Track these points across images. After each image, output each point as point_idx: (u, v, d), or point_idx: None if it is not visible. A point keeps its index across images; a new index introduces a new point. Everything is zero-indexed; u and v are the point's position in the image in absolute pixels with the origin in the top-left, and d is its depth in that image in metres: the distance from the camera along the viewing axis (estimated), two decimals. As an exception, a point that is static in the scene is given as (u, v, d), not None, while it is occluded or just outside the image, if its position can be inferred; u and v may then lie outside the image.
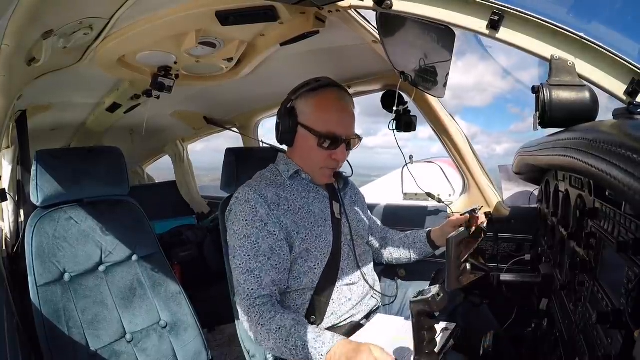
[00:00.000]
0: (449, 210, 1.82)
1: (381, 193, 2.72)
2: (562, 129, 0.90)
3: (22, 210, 1.69)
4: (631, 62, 0.88)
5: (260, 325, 1.03)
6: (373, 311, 1.28)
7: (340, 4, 1.08)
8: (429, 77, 1.25)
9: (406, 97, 1.62)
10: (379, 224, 1.53)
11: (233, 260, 1.13)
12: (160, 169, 3.78)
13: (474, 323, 1.23)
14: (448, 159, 1.87)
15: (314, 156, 1.19)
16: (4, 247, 1.51)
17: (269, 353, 1.18)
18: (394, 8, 1.01)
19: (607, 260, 0.73)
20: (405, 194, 2.09)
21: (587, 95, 0.89)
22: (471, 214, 1.18)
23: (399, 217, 1.98)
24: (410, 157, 1.67)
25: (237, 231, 1.13)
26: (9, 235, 1.60)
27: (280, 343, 0.99)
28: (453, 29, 1.07)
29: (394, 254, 1.46)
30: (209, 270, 2.44)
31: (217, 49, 1.38)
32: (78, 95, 1.98)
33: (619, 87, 0.89)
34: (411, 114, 1.63)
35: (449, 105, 1.68)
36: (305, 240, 1.15)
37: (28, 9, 0.88)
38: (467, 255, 1.11)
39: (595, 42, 0.91)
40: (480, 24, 0.97)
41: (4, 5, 0.83)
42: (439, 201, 1.78)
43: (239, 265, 1.10)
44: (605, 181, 0.57)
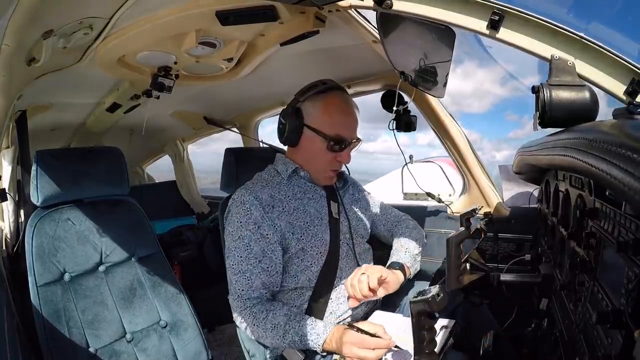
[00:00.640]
0: (449, 210, 1.82)
1: (381, 193, 2.72)
2: (562, 129, 0.91)
3: (22, 210, 1.69)
4: (631, 62, 0.88)
5: (256, 325, 1.10)
6: (372, 310, 1.28)
7: (340, 3, 1.08)
8: (428, 77, 1.25)
9: (406, 97, 1.62)
10: (392, 214, 1.48)
11: (227, 260, 1.17)
12: (161, 171, 3.77)
13: (474, 323, 1.23)
14: (448, 158, 1.87)
15: (319, 158, 1.21)
16: (4, 247, 1.51)
17: (270, 349, 1.19)
18: (394, 8, 1.01)
19: (607, 260, 0.73)
20: (405, 194, 2.08)
21: (587, 95, 0.89)
22: (471, 214, 1.18)
23: None
24: (410, 156, 1.66)
25: (232, 232, 1.16)
26: (9, 235, 1.60)
27: (278, 340, 1.07)
28: (453, 29, 1.07)
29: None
30: (209, 270, 2.44)
31: (217, 49, 1.38)
32: (78, 95, 1.97)
33: (619, 87, 0.89)
34: (411, 114, 1.63)
35: (446, 107, 1.68)
36: (301, 240, 1.16)
37: (28, 9, 0.88)
38: (467, 256, 1.11)
39: (595, 42, 0.91)
40: (480, 24, 0.97)
41: (4, 5, 0.83)
42: (439, 201, 1.78)
43: (232, 265, 1.15)
44: (606, 181, 0.57)
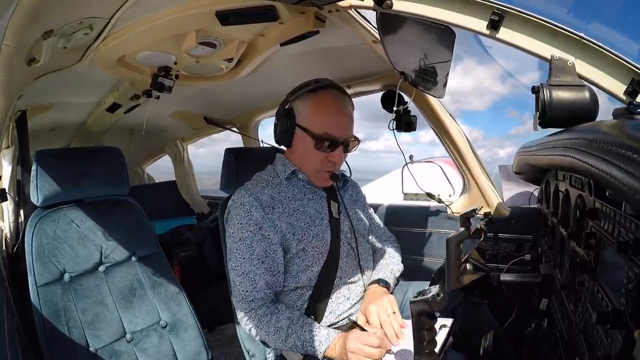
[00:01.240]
0: (449, 211, 1.82)
1: (380, 193, 2.72)
2: (562, 129, 0.91)
3: (22, 210, 1.69)
4: (631, 62, 0.88)
5: (259, 328, 1.10)
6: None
7: (340, 3, 1.08)
8: (428, 77, 1.25)
9: (406, 97, 1.62)
10: (381, 224, 1.49)
11: (229, 262, 1.17)
12: (162, 172, 3.77)
13: (474, 323, 1.23)
14: (448, 158, 1.87)
15: (310, 158, 1.18)
16: (4, 247, 1.51)
17: (270, 349, 1.20)
18: (394, 8, 1.01)
19: (607, 260, 0.73)
20: (405, 194, 2.08)
21: (587, 95, 0.89)
22: (471, 214, 1.18)
23: (400, 218, 1.98)
24: (411, 156, 1.66)
25: (233, 234, 1.16)
26: (9, 235, 1.60)
27: (281, 343, 1.07)
28: (453, 29, 1.07)
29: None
30: (209, 270, 2.44)
31: (217, 49, 1.38)
32: (78, 95, 1.97)
33: (619, 87, 0.89)
34: (411, 114, 1.63)
35: (447, 107, 1.68)
36: (302, 240, 1.16)
37: (28, 9, 0.88)
38: (467, 256, 1.11)
39: (595, 42, 0.91)
40: (480, 24, 0.97)
41: (4, 5, 0.83)
42: (439, 201, 1.78)
43: (234, 267, 1.14)
44: (606, 181, 0.57)
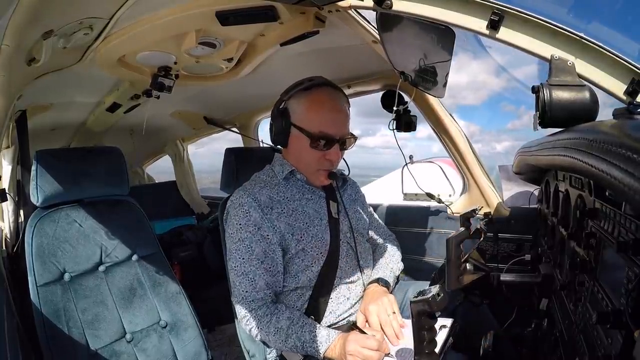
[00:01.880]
0: (449, 211, 1.82)
1: (381, 194, 2.72)
2: (562, 129, 0.91)
3: (22, 210, 1.69)
4: (631, 62, 0.88)
5: (259, 328, 1.10)
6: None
7: (340, 4, 1.08)
8: (428, 77, 1.25)
9: (406, 97, 1.62)
10: (381, 223, 1.49)
11: (229, 262, 1.17)
12: (161, 173, 3.77)
13: (474, 323, 1.23)
14: (448, 158, 1.87)
15: (307, 157, 1.18)
16: (4, 247, 1.51)
17: (270, 349, 1.20)
18: (394, 8, 1.01)
19: (607, 260, 0.73)
20: (405, 194, 2.09)
21: (587, 95, 0.89)
22: (471, 214, 1.18)
23: (400, 218, 1.98)
24: (410, 157, 1.66)
25: (232, 234, 1.16)
26: (9, 235, 1.60)
27: (281, 343, 1.08)
28: (453, 29, 1.07)
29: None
30: (209, 270, 2.44)
31: (217, 49, 1.38)
32: (78, 95, 1.97)
33: (619, 87, 0.89)
34: (411, 113, 1.63)
35: (444, 104, 1.68)
36: (301, 240, 1.16)
37: (28, 9, 0.88)
38: (467, 255, 1.11)
39: (595, 42, 0.91)
40: (480, 24, 0.97)
41: (4, 5, 0.83)
42: (439, 201, 1.78)
43: (234, 267, 1.14)
44: (605, 181, 0.57)
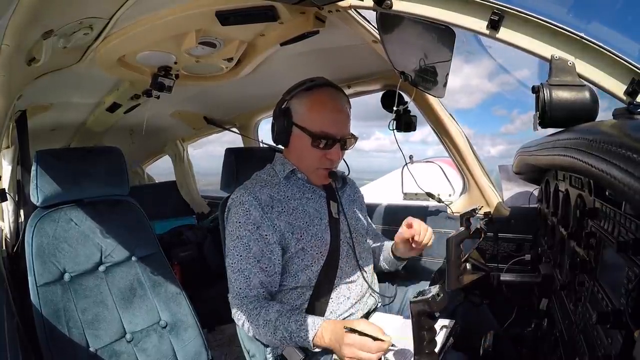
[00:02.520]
0: (449, 210, 1.82)
1: (381, 193, 2.72)
2: (562, 129, 0.90)
3: (22, 210, 1.69)
4: (631, 62, 0.88)
5: (250, 322, 1.10)
6: (372, 310, 1.29)
7: (340, 3, 1.08)
8: (428, 77, 1.25)
9: (406, 97, 1.62)
10: (373, 226, 1.53)
11: (227, 259, 1.18)
12: (161, 174, 3.77)
13: (474, 323, 1.23)
14: (448, 158, 1.87)
15: (308, 156, 1.19)
16: (4, 247, 1.51)
17: (270, 349, 1.19)
18: (394, 8, 1.01)
19: (607, 260, 0.73)
20: (405, 194, 2.08)
21: (587, 95, 0.89)
22: (471, 214, 1.18)
23: (400, 218, 1.97)
24: (410, 156, 1.66)
25: (231, 232, 1.17)
26: (9, 235, 1.60)
27: (270, 336, 1.08)
28: (453, 29, 1.07)
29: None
30: (209, 270, 2.45)
31: (217, 49, 1.38)
32: (78, 95, 1.97)
33: (619, 87, 0.89)
34: (411, 114, 1.63)
35: (443, 104, 1.69)
36: (301, 240, 1.16)
37: (28, 9, 0.88)
38: (467, 255, 1.11)
39: (595, 42, 0.91)
40: (480, 24, 0.97)
41: (4, 5, 0.83)
42: (439, 201, 1.78)
43: (231, 264, 1.15)
44: (605, 181, 0.57)
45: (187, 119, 2.59)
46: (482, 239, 1.17)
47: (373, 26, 1.22)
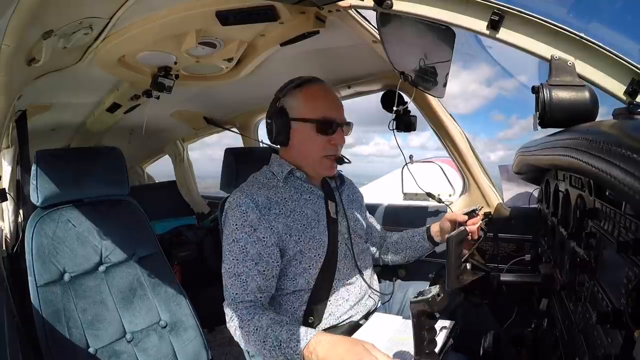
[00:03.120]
0: (449, 211, 1.81)
1: (381, 193, 2.72)
2: (562, 129, 0.91)
3: (22, 210, 1.69)
4: (631, 62, 0.88)
5: (241, 327, 1.03)
6: (371, 311, 1.28)
7: (340, 4, 1.08)
8: (428, 77, 1.25)
9: (406, 97, 1.62)
10: (378, 225, 1.52)
11: (223, 265, 1.13)
12: (161, 176, 3.77)
13: (473, 323, 1.23)
14: (448, 158, 1.87)
15: (312, 146, 1.19)
16: (4, 247, 1.51)
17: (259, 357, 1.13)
18: (394, 8, 1.01)
19: (607, 260, 0.73)
20: (405, 194, 2.08)
21: (587, 95, 0.89)
22: (471, 214, 1.18)
23: (400, 218, 1.98)
24: (410, 156, 1.66)
25: (228, 235, 1.14)
26: (9, 235, 1.60)
27: (259, 345, 0.98)
28: (453, 29, 1.07)
29: (393, 255, 1.45)
30: (209, 270, 2.44)
31: (217, 49, 1.38)
32: (78, 95, 1.97)
33: (619, 87, 0.89)
34: (411, 114, 1.63)
35: (443, 104, 1.69)
36: (299, 242, 1.15)
37: (28, 9, 0.88)
38: (467, 255, 1.11)
39: (595, 42, 0.91)
40: (480, 24, 0.97)
41: (4, 5, 0.83)
42: (439, 201, 1.78)
43: (227, 269, 1.11)
44: (606, 181, 0.57)
45: (187, 119, 2.59)
46: (482, 239, 1.17)
47: (373, 26, 1.22)
